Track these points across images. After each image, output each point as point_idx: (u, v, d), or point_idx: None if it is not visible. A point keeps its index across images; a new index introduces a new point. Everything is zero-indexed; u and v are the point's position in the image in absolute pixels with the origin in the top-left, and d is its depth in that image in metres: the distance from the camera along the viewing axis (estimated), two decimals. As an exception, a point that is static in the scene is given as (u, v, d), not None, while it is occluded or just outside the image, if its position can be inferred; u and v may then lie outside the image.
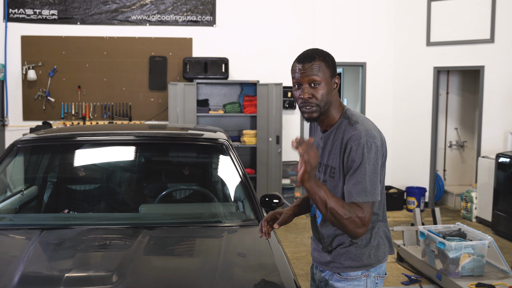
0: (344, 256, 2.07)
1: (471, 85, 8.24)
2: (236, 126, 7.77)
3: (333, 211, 1.88)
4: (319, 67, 1.98)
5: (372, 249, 2.07)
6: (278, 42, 7.89)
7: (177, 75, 7.67)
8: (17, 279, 1.93)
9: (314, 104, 1.99)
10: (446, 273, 4.46)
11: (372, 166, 1.94)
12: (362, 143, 1.94)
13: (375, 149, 1.95)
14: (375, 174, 1.95)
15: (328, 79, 2.01)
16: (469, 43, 7.39)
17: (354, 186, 1.93)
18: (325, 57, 2.02)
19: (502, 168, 6.34)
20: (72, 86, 7.50)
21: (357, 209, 1.91)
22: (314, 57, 2.00)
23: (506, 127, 7.19)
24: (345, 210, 1.88)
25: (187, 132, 3.60)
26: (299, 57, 2.03)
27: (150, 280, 1.99)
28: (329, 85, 2.01)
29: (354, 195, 1.92)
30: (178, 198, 3.24)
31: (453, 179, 8.42)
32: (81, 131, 3.39)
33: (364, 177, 1.92)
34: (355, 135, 1.96)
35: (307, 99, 1.98)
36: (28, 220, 2.82)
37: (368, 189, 1.92)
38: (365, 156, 1.93)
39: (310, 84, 1.99)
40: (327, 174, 2.07)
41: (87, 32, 7.49)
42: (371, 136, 1.98)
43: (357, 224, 1.90)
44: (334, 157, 2.03)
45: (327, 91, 2.00)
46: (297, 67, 2.02)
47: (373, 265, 2.08)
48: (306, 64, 1.99)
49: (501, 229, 6.37)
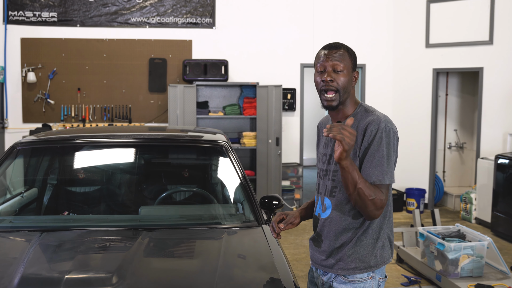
0: (351, 257, 2.07)
1: (470, 87, 8.26)
2: (235, 128, 7.78)
3: (361, 191, 1.91)
4: (343, 56, 2.07)
5: (378, 250, 2.09)
6: (277, 44, 7.90)
7: (177, 77, 7.68)
8: (17, 281, 1.94)
9: (335, 88, 2.05)
10: (445, 274, 4.46)
11: (389, 150, 1.99)
12: (381, 127, 1.99)
13: (393, 134, 2.01)
14: (392, 158, 2.00)
15: (350, 69, 2.09)
16: (468, 44, 7.40)
17: (373, 168, 1.97)
18: (349, 49, 2.12)
19: (502, 169, 6.35)
20: (72, 88, 7.51)
21: (379, 192, 1.95)
22: (340, 46, 2.10)
23: (505, 129, 7.20)
24: (371, 191, 1.93)
25: (186, 134, 3.60)
26: (325, 46, 2.13)
27: (150, 281, 2.00)
28: (350, 76, 2.09)
29: (373, 177, 1.97)
30: (178, 200, 3.24)
31: (452, 181, 8.42)
32: (81, 133, 3.39)
33: (382, 159, 1.97)
34: (375, 119, 2.02)
35: (329, 82, 2.04)
36: (28, 222, 2.82)
37: (386, 171, 1.97)
38: (384, 139, 1.98)
39: (333, 69, 2.06)
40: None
41: (86, 34, 7.50)
42: (389, 121, 2.05)
43: (377, 206, 1.95)
44: None
45: (347, 80, 2.07)
46: (322, 52, 2.10)
47: (379, 266, 2.10)
48: (332, 50, 2.08)
49: (500, 230, 6.37)
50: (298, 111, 8.06)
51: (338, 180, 2.08)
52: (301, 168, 7.97)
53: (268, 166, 7.36)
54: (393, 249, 2.18)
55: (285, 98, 7.90)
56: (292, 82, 7.95)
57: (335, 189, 2.10)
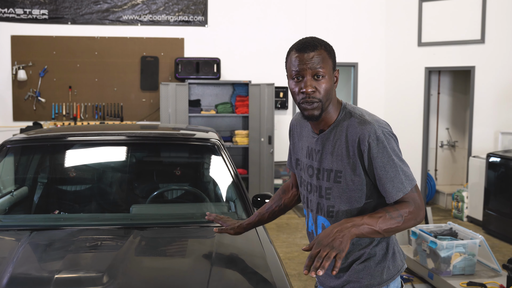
0: (362, 273, 1.86)
1: (462, 86, 8.28)
2: (228, 126, 7.76)
3: (387, 230, 1.72)
4: (323, 57, 1.75)
5: (390, 260, 1.89)
6: (270, 42, 7.89)
7: (169, 75, 7.64)
8: (5, 281, 1.91)
9: (317, 99, 1.76)
10: (437, 272, 4.47)
11: (397, 156, 1.78)
12: (380, 136, 1.76)
13: (393, 137, 1.80)
14: (402, 160, 1.80)
15: (331, 71, 1.78)
16: (460, 43, 7.42)
17: (391, 183, 1.76)
18: (327, 46, 1.79)
19: (493, 167, 6.37)
20: (63, 86, 7.46)
21: (404, 206, 1.74)
22: (316, 45, 1.76)
23: (497, 127, 7.23)
24: (396, 219, 1.72)
25: (178, 132, 3.58)
26: (298, 46, 1.77)
27: (141, 281, 1.98)
28: (331, 79, 1.79)
29: (394, 193, 1.76)
30: (169, 198, 3.22)
31: (444, 179, 8.45)
32: (72, 131, 3.36)
33: (396, 170, 1.76)
34: (368, 129, 1.76)
35: (310, 93, 1.74)
36: (18, 221, 2.79)
37: (403, 180, 1.76)
38: (388, 148, 1.76)
39: (314, 76, 1.75)
40: (331, 180, 1.84)
41: (78, 32, 7.45)
42: (384, 125, 1.81)
43: (413, 218, 1.75)
44: (339, 160, 1.81)
45: (330, 85, 1.78)
46: (296, 56, 1.76)
47: (393, 277, 1.89)
48: (309, 53, 1.74)
49: (491, 228, 6.40)
50: (290, 109, 8.06)
51: (334, 196, 1.85)
52: (294, 167, 7.95)
53: (261, 165, 7.35)
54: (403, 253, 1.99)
55: (278, 96, 7.89)
56: (285, 81, 7.93)
57: (332, 208, 1.86)
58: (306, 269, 1.59)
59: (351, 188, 1.81)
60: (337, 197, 1.83)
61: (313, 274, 1.57)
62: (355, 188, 1.81)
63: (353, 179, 1.80)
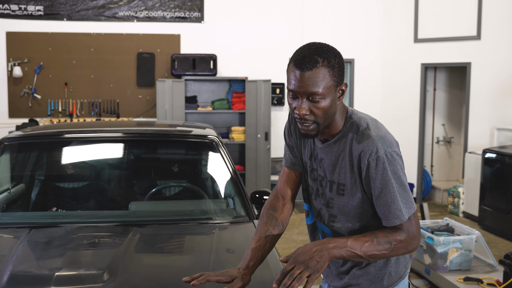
0: (361, 278, 1.82)
1: (458, 82, 8.31)
2: (224, 122, 7.75)
3: (372, 256, 1.63)
4: (323, 77, 1.57)
5: (392, 266, 1.82)
6: (266, 39, 7.88)
7: (165, 72, 7.63)
8: (6, 279, 1.91)
9: (311, 121, 1.63)
10: (434, 267, 4.49)
11: (399, 180, 1.66)
12: (381, 157, 1.64)
13: (397, 159, 1.67)
14: (403, 186, 1.67)
15: (333, 89, 1.61)
16: (456, 39, 7.44)
17: (387, 208, 1.66)
18: (330, 61, 1.58)
19: (489, 163, 6.40)
20: (58, 83, 7.43)
21: (395, 234, 1.65)
22: (317, 61, 1.56)
23: (493, 123, 7.25)
24: (383, 246, 1.63)
25: (176, 129, 3.58)
26: (297, 59, 1.59)
27: (142, 278, 1.98)
28: (333, 96, 1.62)
29: (389, 219, 1.66)
30: (168, 195, 3.22)
31: (440, 175, 8.48)
32: (69, 128, 3.36)
33: (395, 195, 1.64)
34: (370, 147, 1.64)
35: (303, 116, 1.61)
36: (16, 219, 2.78)
37: (401, 207, 1.65)
38: (388, 171, 1.64)
39: (309, 98, 1.60)
40: (333, 191, 1.76)
41: (73, 28, 7.42)
42: (389, 144, 1.67)
43: (403, 247, 1.66)
44: (341, 172, 1.72)
45: (330, 105, 1.62)
46: (293, 72, 1.59)
47: (395, 283, 1.82)
48: (305, 72, 1.56)
49: (487, 224, 6.43)
50: (287, 105, 8.06)
51: (337, 207, 1.77)
52: (290, 163, 7.96)
53: (257, 161, 7.35)
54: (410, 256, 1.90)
55: (274, 92, 7.88)
56: (281, 77, 7.93)
57: (334, 218, 1.80)
58: (276, 283, 1.53)
59: (352, 203, 1.73)
60: (339, 210, 1.77)
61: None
62: (356, 205, 1.73)
63: (354, 194, 1.71)
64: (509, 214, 6.04)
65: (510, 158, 6.05)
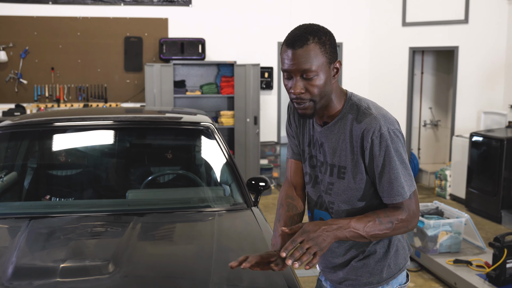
0: (360, 271, 1.81)
1: (445, 65, 8.36)
2: (213, 107, 7.73)
3: (374, 235, 1.65)
4: (314, 54, 1.59)
5: (392, 258, 1.81)
6: (254, 22, 7.83)
7: (153, 56, 7.56)
8: (11, 271, 1.90)
9: (308, 100, 1.64)
10: (424, 250, 4.58)
11: (400, 157, 1.67)
12: (384, 134, 1.64)
13: (400, 136, 1.68)
14: (405, 164, 1.68)
15: (326, 66, 1.63)
16: (444, 23, 7.47)
17: (389, 185, 1.67)
18: (321, 38, 1.61)
19: (476, 146, 6.49)
20: (45, 67, 7.32)
21: (396, 213, 1.66)
22: (307, 39, 1.59)
23: (479, 107, 7.34)
24: (385, 225, 1.65)
25: (172, 116, 3.57)
26: (288, 39, 1.62)
27: (147, 267, 1.99)
28: (328, 73, 1.64)
29: (392, 196, 1.67)
30: (165, 183, 3.22)
31: (427, 158, 8.57)
32: (60, 116, 3.31)
33: (397, 172, 1.66)
34: (373, 124, 1.65)
35: (299, 94, 1.63)
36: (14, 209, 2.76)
37: (403, 184, 1.66)
38: (391, 148, 1.65)
39: (303, 75, 1.62)
40: (334, 175, 1.76)
41: (59, 12, 7.29)
42: (391, 122, 1.68)
43: (404, 226, 1.67)
44: (342, 155, 1.72)
45: (324, 82, 1.64)
46: (285, 52, 1.62)
47: (395, 275, 1.82)
48: (297, 50, 1.58)
49: (474, 206, 6.54)
50: (275, 89, 8.06)
51: (336, 192, 1.77)
52: (279, 147, 8.00)
53: (247, 145, 7.36)
54: (409, 245, 1.91)
55: (262, 76, 7.87)
56: (269, 61, 7.92)
57: (332, 205, 1.80)
58: (284, 251, 1.52)
59: (352, 186, 1.73)
60: (338, 194, 1.76)
61: (289, 262, 1.52)
62: (357, 187, 1.73)
63: (355, 176, 1.71)
64: (496, 197, 6.15)
65: (497, 141, 6.14)
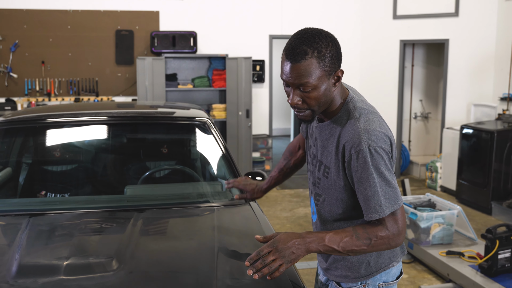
0: (340, 263, 1.85)
1: (435, 58, 8.42)
2: (205, 100, 7.73)
3: (351, 251, 1.64)
4: (312, 69, 1.58)
5: (372, 256, 1.81)
6: (246, 16, 7.82)
7: (145, 49, 7.53)
8: (15, 269, 1.90)
9: (305, 109, 1.67)
10: (417, 242, 4.63)
11: (381, 175, 1.64)
12: (363, 151, 1.62)
13: (381, 153, 1.64)
14: (387, 181, 1.64)
15: (324, 78, 1.62)
16: (434, 16, 7.52)
17: (366, 202, 1.65)
18: (321, 52, 1.59)
19: (466, 138, 6.56)
20: (35, 61, 7.27)
21: (376, 230, 1.64)
22: (306, 53, 1.57)
23: (469, 99, 7.41)
24: (362, 241, 1.63)
25: (169, 111, 3.57)
26: (287, 50, 1.61)
27: (151, 263, 2.00)
28: (327, 84, 1.64)
29: (368, 213, 1.66)
30: (163, 179, 3.23)
31: (417, 150, 8.65)
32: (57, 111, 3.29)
33: (375, 190, 1.63)
34: (355, 139, 1.64)
35: (296, 105, 1.66)
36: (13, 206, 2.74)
37: (381, 202, 1.63)
38: (370, 165, 1.62)
39: (300, 88, 1.63)
40: (321, 172, 1.80)
41: (49, 5, 7.23)
42: (375, 138, 1.64)
43: (384, 243, 1.65)
44: (328, 156, 1.76)
45: (323, 93, 1.64)
46: (284, 64, 1.62)
47: (373, 274, 1.82)
48: (294, 65, 1.58)
49: (464, 198, 6.63)
50: (267, 82, 8.07)
51: (322, 187, 1.81)
52: (271, 140, 8.02)
53: (239, 138, 7.38)
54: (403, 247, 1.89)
55: (254, 69, 7.87)
56: (261, 54, 7.92)
57: (319, 197, 1.85)
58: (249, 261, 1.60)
59: (334, 187, 1.76)
60: (324, 189, 1.80)
61: (250, 272, 1.57)
62: (338, 189, 1.75)
63: (336, 179, 1.74)
64: (486, 188, 6.23)
65: (487, 133, 6.21)
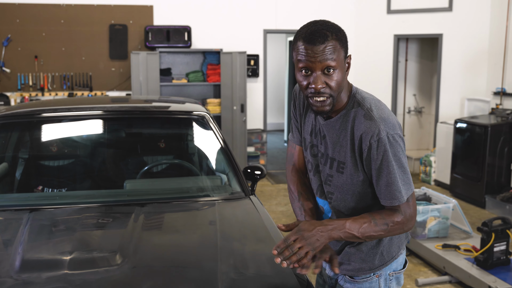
0: (353, 257, 1.85)
1: (429, 53, 8.45)
2: (199, 95, 7.72)
3: (369, 236, 1.69)
4: (334, 49, 1.61)
5: (385, 246, 1.84)
6: (240, 10, 7.80)
7: (138, 44, 7.49)
8: (18, 264, 1.89)
9: (328, 95, 1.65)
10: (413, 235, 4.66)
11: (399, 161, 1.68)
12: (383, 139, 1.65)
13: (399, 141, 1.68)
14: (403, 168, 1.69)
15: (343, 61, 1.66)
16: (428, 11, 7.54)
17: (386, 189, 1.69)
18: (338, 34, 1.64)
19: (460, 133, 6.60)
20: (28, 56, 7.21)
21: (392, 215, 1.69)
22: (327, 35, 1.61)
23: (463, 94, 7.45)
24: (380, 227, 1.68)
25: (168, 105, 3.56)
26: (306, 35, 1.61)
27: (154, 257, 2.01)
28: (344, 68, 1.67)
29: (389, 199, 1.69)
30: (163, 173, 3.22)
31: (411, 144, 8.69)
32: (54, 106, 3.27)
33: (395, 176, 1.67)
34: (373, 128, 1.66)
35: (320, 89, 1.63)
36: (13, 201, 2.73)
37: (401, 188, 1.68)
38: (389, 153, 1.66)
39: (324, 71, 1.62)
40: (333, 169, 1.79)
41: (42, -1, 7.18)
42: (391, 126, 1.68)
43: (399, 228, 1.70)
44: (342, 151, 1.75)
45: (342, 77, 1.66)
46: (304, 48, 1.61)
47: (387, 263, 1.86)
48: (318, 46, 1.59)
49: (458, 191, 6.67)
50: (261, 77, 8.06)
51: (335, 184, 1.80)
52: (265, 134, 8.03)
53: (233, 133, 7.38)
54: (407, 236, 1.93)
55: (249, 64, 7.86)
56: (255, 48, 7.91)
57: (331, 195, 1.83)
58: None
59: (350, 182, 1.76)
60: (337, 186, 1.79)
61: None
62: (354, 183, 1.76)
63: (353, 173, 1.74)
64: (480, 182, 6.27)
65: (481, 128, 6.25)
